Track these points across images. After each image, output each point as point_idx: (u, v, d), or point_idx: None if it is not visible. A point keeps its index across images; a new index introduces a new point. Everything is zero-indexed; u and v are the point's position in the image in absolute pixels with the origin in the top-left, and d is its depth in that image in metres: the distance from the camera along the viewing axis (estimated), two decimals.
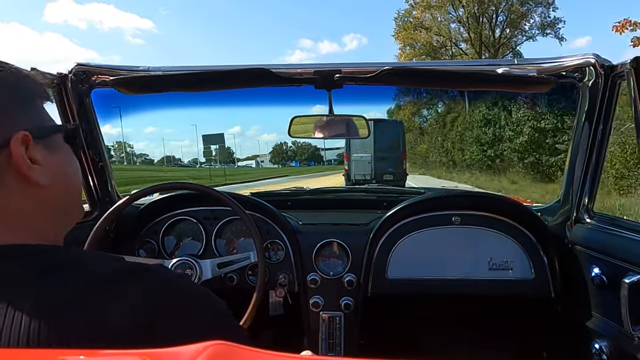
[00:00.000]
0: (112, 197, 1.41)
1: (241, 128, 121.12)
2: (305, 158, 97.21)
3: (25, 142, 0.44)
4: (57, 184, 0.47)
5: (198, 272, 1.18)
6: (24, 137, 0.43)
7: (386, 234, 1.34)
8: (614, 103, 1.11)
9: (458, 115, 22.12)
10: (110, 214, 1.17)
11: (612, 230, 1.10)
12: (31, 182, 0.44)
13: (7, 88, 0.45)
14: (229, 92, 1.30)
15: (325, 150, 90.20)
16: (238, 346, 0.31)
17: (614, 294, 1.01)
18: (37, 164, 0.45)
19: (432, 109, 23.95)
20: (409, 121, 26.42)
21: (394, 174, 12.07)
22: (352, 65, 1.16)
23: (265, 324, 1.31)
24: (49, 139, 0.48)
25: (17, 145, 0.43)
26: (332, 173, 29.16)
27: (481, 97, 13.13)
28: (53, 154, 0.48)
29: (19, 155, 0.43)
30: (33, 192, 0.45)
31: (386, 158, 12.17)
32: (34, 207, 0.46)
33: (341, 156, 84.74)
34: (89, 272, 0.42)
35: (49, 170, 0.46)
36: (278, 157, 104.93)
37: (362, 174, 12.20)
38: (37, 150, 0.45)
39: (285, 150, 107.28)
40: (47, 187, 0.46)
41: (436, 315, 1.58)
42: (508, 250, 1.31)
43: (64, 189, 0.49)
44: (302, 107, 1.43)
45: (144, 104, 1.47)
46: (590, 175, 1.19)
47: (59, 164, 0.48)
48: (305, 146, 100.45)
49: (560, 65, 1.13)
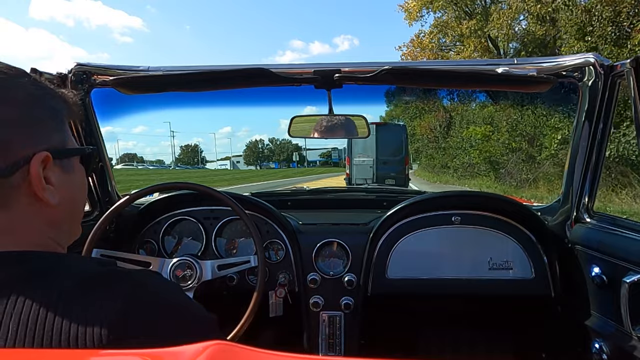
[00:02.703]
0: (112, 197, 1.41)
1: (232, 128, 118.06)
2: (285, 158, 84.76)
3: (44, 163, 0.44)
4: (65, 204, 0.48)
5: (198, 273, 1.18)
6: (45, 158, 0.44)
7: (386, 234, 1.34)
8: (614, 103, 1.11)
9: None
10: (110, 213, 1.17)
11: (612, 229, 1.10)
12: (42, 201, 0.45)
13: (43, 103, 0.46)
14: (229, 92, 1.31)
15: (306, 150, 79.04)
16: (238, 346, 0.31)
17: (613, 293, 1.01)
18: (51, 184, 0.46)
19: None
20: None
21: (396, 179, 11.88)
22: (351, 64, 1.16)
23: (265, 324, 1.31)
24: (67, 160, 0.49)
25: (36, 165, 0.44)
26: (323, 177, 26.89)
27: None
28: (67, 176, 0.49)
29: (37, 176, 0.44)
30: (41, 210, 0.46)
31: (388, 162, 12.00)
32: (39, 223, 0.46)
33: (325, 156, 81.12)
34: (72, 276, 0.42)
35: (60, 191, 0.47)
36: (253, 156, 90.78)
37: (364, 178, 12.07)
38: (54, 171, 0.46)
39: (262, 148, 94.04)
40: (56, 207, 0.47)
41: (436, 314, 1.58)
42: (508, 250, 1.31)
43: (70, 210, 0.50)
44: (302, 107, 1.43)
45: (144, 104, 1.47)
46: (590, 174, 1.19)
47: (70, 186, 0.49)
48: (284, 144, 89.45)
49: (560, 64, 1.13)
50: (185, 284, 1.17)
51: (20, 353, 0.36)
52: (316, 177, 26.76)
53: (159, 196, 1.40)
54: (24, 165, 0.43)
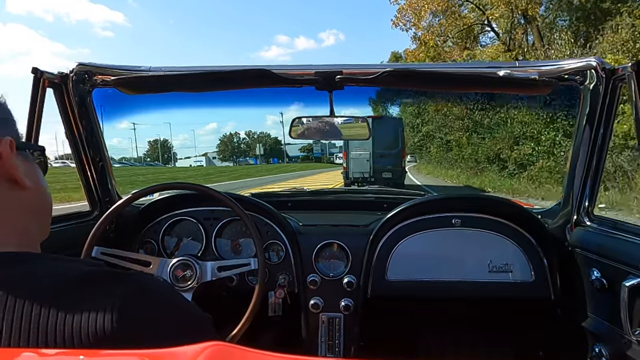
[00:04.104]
0: (112, 196, 1.41)
1: (217, 125, 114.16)
2: (263, 154, 75.33)
3: (12, 148, 0.46)
4: (36, 188, 0.51)
5: (198, 273, 1.18)
6: (10, 143, 0.46)
7: (386, 236, 1.34)
8: (615, 106, 1.11)
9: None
10: (111, 213, 1.17)
11: (612, 233, 1.10)
12: (17, 182, 0.47)
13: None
14: (229, 92, 1.31)
15: (285, 145, 72.30)
16: (237, 346, 0.31)
17: (613, 297, 1.01)
18: (19, 169, 0.48)
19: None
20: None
21: (392, 172, 11.87)
22: (353, 66, 1.16)
23: (265, 325, 1.31)
24: (25, 153, 0.51)
25: (6, 147, 0.46)
26: (310, 173, 25.04)
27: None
28: (31, 165, 0.52)
29: (8, 156, 0.46)
30: (17, 193, 0.48)
31: (385, 155, 11.97)
32: (17, 207, 0.48)
33: (306, 150, 76.28)
34: (61, 276, 0.42)
35: (29, 176, 0.49)
36: (227, 152, 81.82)
37: (361, 172, 12.04)
38: (19, 159, 0.48)
39: (237, 143, 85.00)
40: (30, 189, 0.49)
41: (436, 317, 1.57)
42: (508, 253, 1.31)
43: (42, 194, 0.53)
44: (302, 107, 1.43)
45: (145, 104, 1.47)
46: (591, 178, 1.19)
47: (36, 174, 0.52)
48: (262, 138, 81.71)
49: (562, 68, 1.13)
50: (185, 284, 1.17)
51: (19, 353, 0.36)
52: (298, 175, 24.61)
53: (159, 196, 1.40)
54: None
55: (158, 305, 0.44)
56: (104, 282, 0.43)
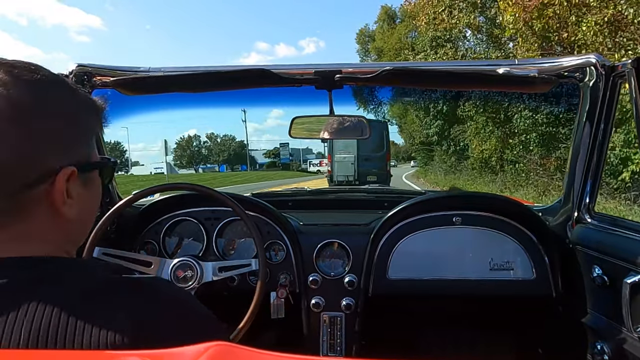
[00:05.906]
0: (112, 197, 1.41)
1: (197, 131, 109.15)
2: (226, 159, 68.03)
3: (69, 177, 0.45)
4: (80, 217, 0.48)
5: (199, 274, 1.18)
6: (71, 173, 0.44)
7: (387, 235, 1.34)
8: (615, 103, 1.10)
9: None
10: (111, 214, 1.17)
11: (613, 230, 1.10)
12: (60, 214, 0.45)
13: (79, 120, 0.47)
14: (229, 93, 1.31)
15: (248, 150, 62.00)
16: (238, 346, 0.31)
17: (615, 294, 1.01)
18: (71, 198, 0.46)
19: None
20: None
21: (377, 175, 11.80)
22: (352, 65, 1.16)
23: (266, 325, 1.31)
24: (89, 174, 0.49)
25: (62, 180, 0.44)
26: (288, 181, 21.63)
27: None
28: (86, 189, 0.49)
29: (60, 190, 0.44)
30: (57, 223, 0.46)
31: (370, 158, 11.92)
32: (54, 235, 0.46)
33: (271, 155, 65.53)
34: (90, 280, 0.43)
35: (78, 205, 0.47)
36: (186, 157, 69.86)
37: (345, 175, 12.00)
38: (76, 185, 0.46)
39: (197, 147, 73.09)
40: (72, 221, 0.47)
41: (437, 315, 1.57)
42: (509, 251, 1.31)
43: (84, 222, 0.51)
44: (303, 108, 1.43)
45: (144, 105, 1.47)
46: (592, 175, 1.19)
47: (88, 199, 0.50)
48: (226, 142, 70.81)
49: (561, 65, 1.13)
50: (186, 284, 1.17)
51: (21, 353, 0.36)
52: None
53: (159, 197, 1.40)
54: (50, 178, 0.43)
55: (177, 310, 0.45)
56: (123, 289, 0.43)
